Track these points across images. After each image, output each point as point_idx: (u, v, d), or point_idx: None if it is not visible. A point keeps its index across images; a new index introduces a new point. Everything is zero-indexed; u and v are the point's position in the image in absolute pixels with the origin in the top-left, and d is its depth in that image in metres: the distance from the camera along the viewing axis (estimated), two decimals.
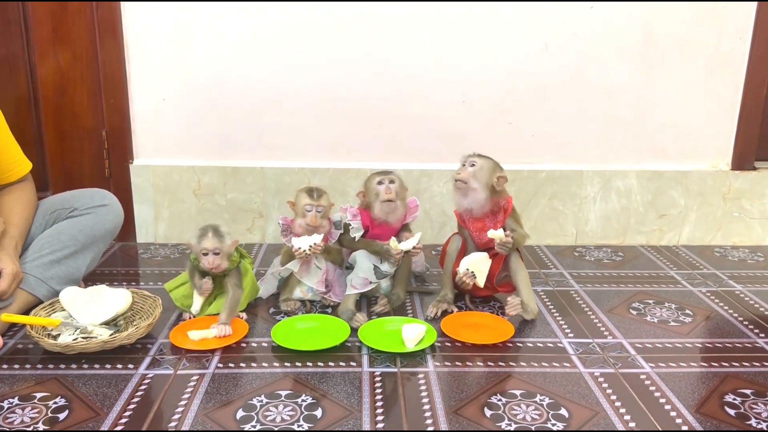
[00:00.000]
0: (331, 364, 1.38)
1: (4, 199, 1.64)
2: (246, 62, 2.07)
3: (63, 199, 1.73)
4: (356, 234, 1.66)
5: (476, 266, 1.59)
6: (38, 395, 1.25)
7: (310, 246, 1.58)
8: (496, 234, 1.56)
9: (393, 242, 1.62)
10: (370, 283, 1.64)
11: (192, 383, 1.30)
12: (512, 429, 1.16)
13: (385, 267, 1.65)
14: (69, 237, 1.64)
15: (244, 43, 2.05)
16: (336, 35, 2.05)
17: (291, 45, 2.06)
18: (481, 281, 1.59)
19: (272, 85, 2.09)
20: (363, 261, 1.65)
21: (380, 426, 1.16)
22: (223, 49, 2.06)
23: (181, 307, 1.60)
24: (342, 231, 1.69)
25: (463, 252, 1.69)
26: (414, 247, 1.63)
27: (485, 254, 1.62)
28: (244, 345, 1.47)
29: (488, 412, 1.21)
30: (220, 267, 1.54)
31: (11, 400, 1.23)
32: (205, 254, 1.52)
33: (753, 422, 1.20)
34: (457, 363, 1.40)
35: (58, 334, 1.43)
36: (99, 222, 1.71)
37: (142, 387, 1.28)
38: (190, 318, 1.56)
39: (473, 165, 1.61)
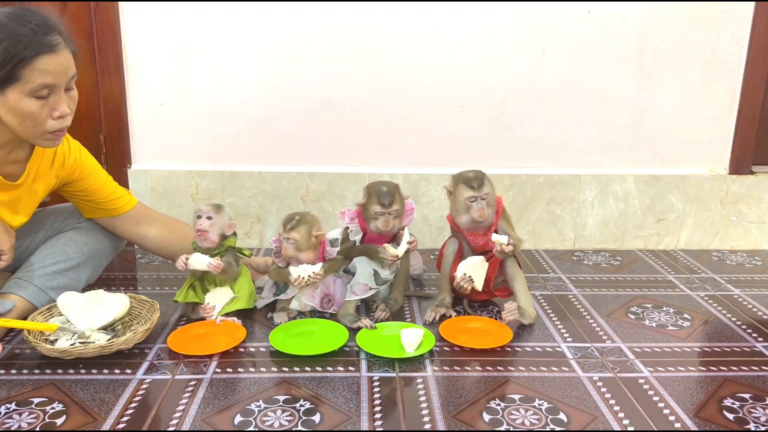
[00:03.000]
0: (329, 369, 1.38)
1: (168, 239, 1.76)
2: (244, 67, 2.07)
3: (74, 208, 1.73)
4: (355, 237, 1.66)
5: (473, 270, 1.59)
6: (35, 400, 1.24)
7: (310, 276, 1.56)
8: (499, 239, 1.56)
9: (388, 248, 1.61)
10: (370, 289, 1.64)
11: (190, 388, 1.29)
12: None
13: (385, 273, 1.65)
14: (75, 250, 1.64)
15: (243, 48, 2.06)
16: (334, 40, 2.05)
17: (289, 50, 2.06)
18: (478, 285, 1.59)
19: (270, 90, 2.09)
20: (364, 267, 1.65)
21: (379, 431, 1.16)
22: (221, 53, 2.06)
23: (192, 301, 1.60)
24: (338, 248, 1.66)
25: (460, 255, 1.69)
26: (409, 243, 1.63)
27: (482, 258, 1.62)
28: (242, 350, 1.46)
29: (487, 417, 1.21)
30: (208, 239, 1.56)
31: (8, 406, 1.22)
32: (199, 217, 1.56)
33: (752, 426, 1.20)
34: (455, 368, 1.39)
35: (56, 339, 1.43)
36: (105, 237, 1.71)
37: (140, 392, 1.28)
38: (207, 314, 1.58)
39: (485, 198, 1.59)
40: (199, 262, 1.55)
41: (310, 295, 1.64)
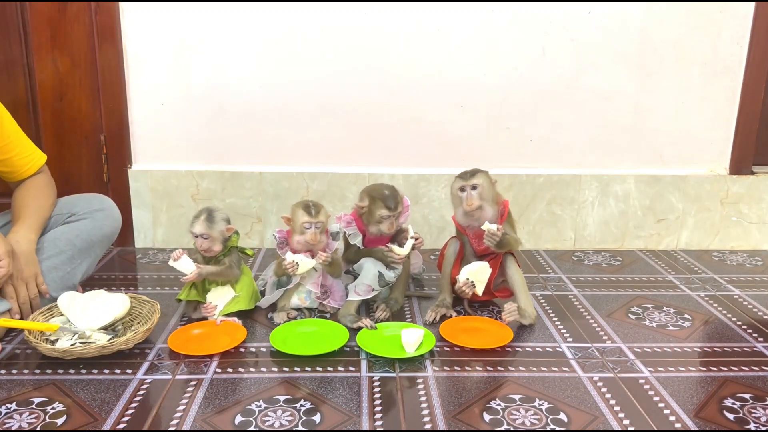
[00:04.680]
0: (329, 369, 1.38)
1: (20, 194, 1.65)
2: (245, 67, 2.07)
3: (61, 204, 1.73)
4: (356, 241, 1.66)
5: (476, 275, 1.59)
6: (36, 400, 1.24)
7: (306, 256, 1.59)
8: (489, 226, 1.56)
9: (394, 248, 1.61)
10: (373, 290, 1.64)
11: (190, 388, 1.29)
12: None
13: (389, 275, 1.65)
14: (65, 242, 1.64)
15: (243, 48, 2.06)
16: (334, 40, 2.05)
17: (290, 50, 2.06)
18: (480, 290, 1.59)
19: (271, 90, 2.09)
20: (369, 268, 1.64)
21: (379, 431, 1.16)
22: (222, 53, 2.06)
23: (195, 299, 1.61)
24: (339, 240, 1.67)
25: (461, 255, 1.69)
26: (414, 239, 1.63)
27: (486, 263, 1.62)
28: (242, 350, 1.47)
29: (487, 417, 1.21)
30: (211, 250, 1.58)
31: (9, 406, 1.22)
32: (196, 237, 1.56)
33: (752, 426, 1.20)
34: (456, 368, 1.39)
35: (56, 339, 1.43)
36: (96, 227, 1.70)
37: (141, 392, 1.28)
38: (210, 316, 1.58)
39: (475, 188, 1.59)
40: (186, 267, 1.55)
41: (315, 283, 1.65)
